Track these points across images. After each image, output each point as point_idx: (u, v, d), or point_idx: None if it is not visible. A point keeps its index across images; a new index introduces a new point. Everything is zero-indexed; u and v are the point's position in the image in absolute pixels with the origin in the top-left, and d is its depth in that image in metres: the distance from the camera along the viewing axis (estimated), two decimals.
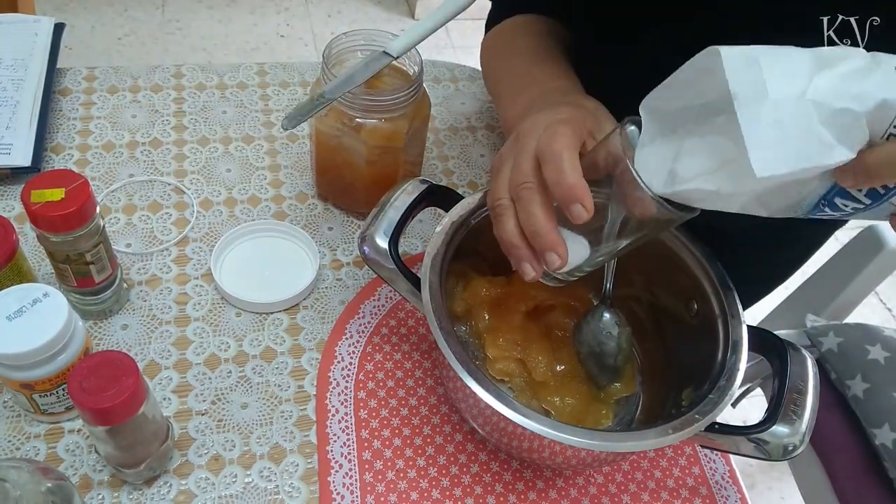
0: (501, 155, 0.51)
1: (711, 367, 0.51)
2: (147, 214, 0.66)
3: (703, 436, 0.48)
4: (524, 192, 0.46)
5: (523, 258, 0.47)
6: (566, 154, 0.44)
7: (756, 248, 0.74)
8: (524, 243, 0.47)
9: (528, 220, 0.46)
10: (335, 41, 0.61)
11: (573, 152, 0.45)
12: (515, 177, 0.47)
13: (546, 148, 0.45)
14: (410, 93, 0.59)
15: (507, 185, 0.48)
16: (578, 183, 0.43)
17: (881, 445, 0.84)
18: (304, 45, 2.14)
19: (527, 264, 0.47)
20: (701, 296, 0.55)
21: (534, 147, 0.47)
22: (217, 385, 0.57)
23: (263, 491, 0.52)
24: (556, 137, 0.45)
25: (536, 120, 0.50)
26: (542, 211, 0.45)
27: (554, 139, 0.45)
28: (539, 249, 0.46)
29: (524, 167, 0.47)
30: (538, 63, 0.64)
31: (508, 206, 0.48)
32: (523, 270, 0.48)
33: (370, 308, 0.63)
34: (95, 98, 0.75)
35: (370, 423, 0.56)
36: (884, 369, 0.88)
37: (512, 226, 0.48)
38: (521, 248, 0.47)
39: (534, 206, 0.46)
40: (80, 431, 0.53)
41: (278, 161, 0.73)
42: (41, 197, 0.49)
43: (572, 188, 0.43)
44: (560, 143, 0.45)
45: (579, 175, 0.44)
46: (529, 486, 0.54)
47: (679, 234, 0.56)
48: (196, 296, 0.62)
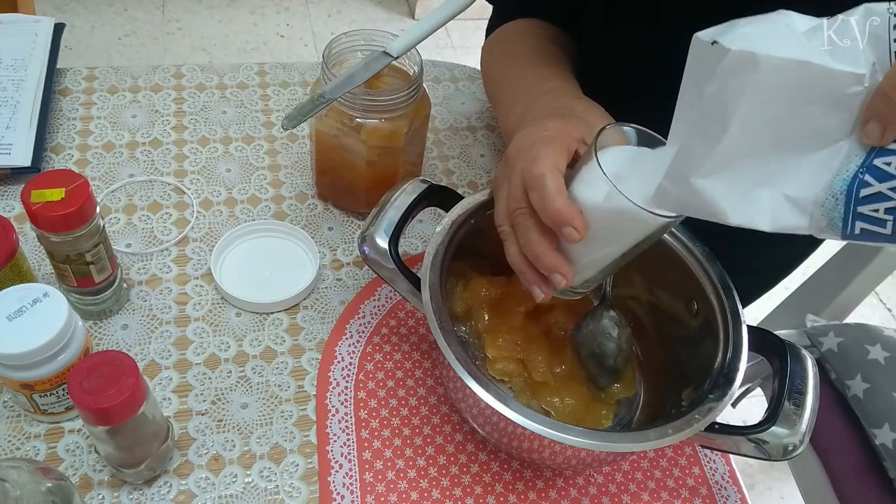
0: (497, 179, 0.52)
1: (711, 367, 0.51)
2: (147, 214, 0.66)
3: (703, 436, 0.48)
4: (519, 219, 0.47)
5: (531, 282, 0.48)
6: (548, 178, 0.44)
7: (757, 244, 0.73)
8: (529, 267, 0.48)
9: (527, 246, 0.47)
10: (335, 41, 0.61)
11: (555, 174, 0.45)
12: (510, 203, 0.48)
13: (528, 175, 0.46)
14: (410, 93, 0.59)
15: (505, 212, 0.49)
16: (563, 206, 0.43)
17: (881, 445, 0.84)
18: (304, 45, 2.14)
19: (535, 287, 0.48)
20: (701, 296, 0.55)
21: (521, 170, 0.47)
22: (217, 385, 0.57)
23: (263, 491, 0.52)
24: (536, 162, 0.46)
25: (522, 140, 0.51)
26: (539, 236, 0.46)
27: (535, 164, 0.45)
28: (544, 272, 0.47)
29: (515, 193, 0.47)
30: (533, 66, 0.64)
31: (510, 232, 0.49)
32: (533, 293, 0.48)
33: (370, 308, 0.63)
34: (95, 98, 0.75)
35: (370, 423, 0.56)
36: (884, 369, 0.88)
37: (515, 251, 0.48)
38: (526, 272, 0.48)
39: (530, 232, 0.46)
40: (80, 431, 0.53)
41: (278, 161, 0.73)
42: (41, 197, 0.49)
43: (559, 213, 0.43)
44: (540, 167, 0.45)
45: (564, 197, 0.44)
46: (529, 486, 0.54)
47: (679, 233, 0.56)
48: (196, 296, 0.62)
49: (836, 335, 0.92)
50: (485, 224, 0.57)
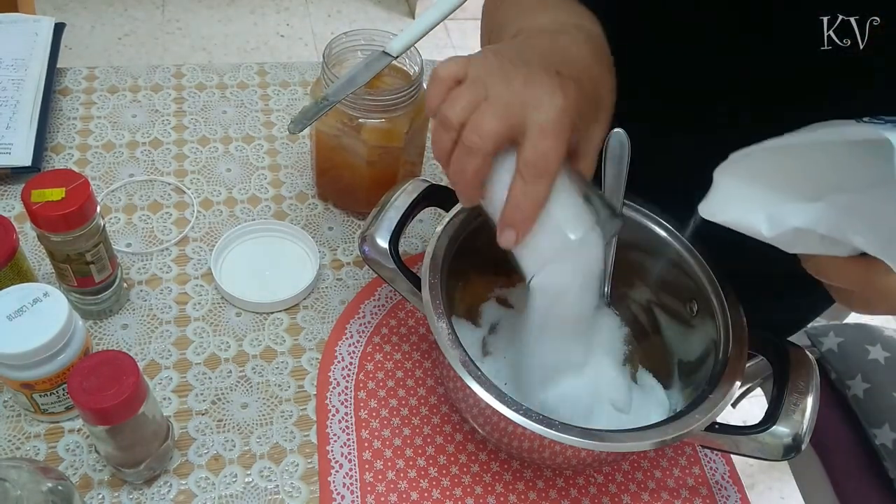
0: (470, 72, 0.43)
1: (711, 367, 0.51)
2: (147, 214, 0.66)
3: (703, 436, 0.48)
4: (471, 155, 0.42)
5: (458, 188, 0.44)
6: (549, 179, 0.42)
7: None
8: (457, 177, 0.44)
9: (460, 174, 0.43)
10: (335, 41, 0.61)
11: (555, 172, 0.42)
12: (471, 131, 0.42)
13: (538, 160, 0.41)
14: (411, 93, 0.59)
15: (458, 117, 0.42)
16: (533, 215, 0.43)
17: (881, 445, 0.84)
18: (304, 45, 2.14)
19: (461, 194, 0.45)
20: (701, 296, 0.55)
21: (508, 117, 0.41)
22: (217, 385, 0.57)
23: (263, 491, 0.52)
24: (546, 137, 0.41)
25: (533, 76, 0.43)
26: (477, 179, 0.43)
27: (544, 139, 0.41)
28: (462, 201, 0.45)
29: (486, 127, 0.41)
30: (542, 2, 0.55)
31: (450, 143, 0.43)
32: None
33: (370, 308, 0.63)
34: (95, 98, 0.75)
35: (370, 423, 0.56)
36: (884, 369, 0.88)
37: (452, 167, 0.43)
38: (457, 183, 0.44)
39: (469, 169, 0.42)
40: (80, 431, 0.53)
41: (278, 161, 0.73)
42: (41, 197, 0.49)
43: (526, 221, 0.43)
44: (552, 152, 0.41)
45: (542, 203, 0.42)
46: (530, 486, 0.54)
47: (679, 233, 0.56)
48: (196, 295, 0.62)
49: (837, 335, 0.92)
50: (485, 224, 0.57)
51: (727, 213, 0.42)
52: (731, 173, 0.42)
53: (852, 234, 0.38)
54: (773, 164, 0.41)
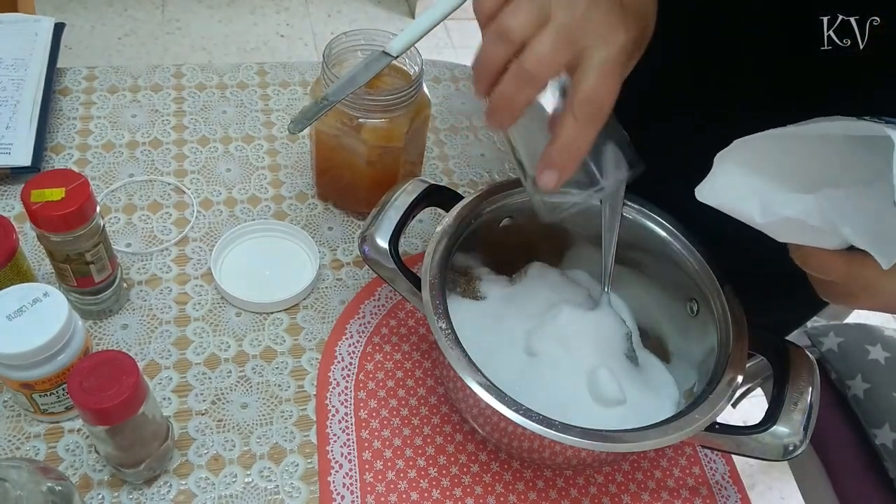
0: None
1: (711, 367, 0.51)
2: (147, 214, 0.66)
3: (703, 436, 0.48)
4: (528, 82, 0.39)
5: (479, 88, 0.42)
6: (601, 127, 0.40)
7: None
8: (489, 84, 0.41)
9: (507, 97, 0.40)
10: (335, 41, 0.61)
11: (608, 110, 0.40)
12: (533, 54, 0.38)
13: (595, 100, 0.39)
14: (410, 93, 0.59)
15: (522, 30, 0.38)
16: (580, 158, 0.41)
17: (881, 445, 0.84)
18: (304, 45, 2.14)
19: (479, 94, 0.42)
20: (701, 296, 0.55)
21: (571, 45, 0.38)
22: (217, 385, 0.57)
23: (263, 491, 0.52)
24: (606, 79, 0.39)
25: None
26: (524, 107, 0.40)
27: (608, 93, 0.39)
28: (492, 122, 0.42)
29: (550, 55, 0.38)
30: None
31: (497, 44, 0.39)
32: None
33: (370, 308, 0.63)
34: (95, 98, 0.75)
35: (370, 423, 0.56)
36: (884, 369, 0.88)
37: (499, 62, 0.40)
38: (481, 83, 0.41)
39: (519, 95, 0.39)
40: (80, 431, 0.53)
41: (278, 161, 0.73)
42: (41, 197, 0.49)
43: (572, 163, 0.41)
44: (610, 101, 0.39)
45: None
46: (530, 486, 0.54)
47: (680, 233, 0.56)
48: (196, 295, 0.62)
49: (837, 335, 0.92)
50: (485, 224, 0.57)
51: (722, 198, 0.42)
52: (731, 159, 0.42)
53: (842, 226, 0.38)
54: (773, 154, 0.41)
